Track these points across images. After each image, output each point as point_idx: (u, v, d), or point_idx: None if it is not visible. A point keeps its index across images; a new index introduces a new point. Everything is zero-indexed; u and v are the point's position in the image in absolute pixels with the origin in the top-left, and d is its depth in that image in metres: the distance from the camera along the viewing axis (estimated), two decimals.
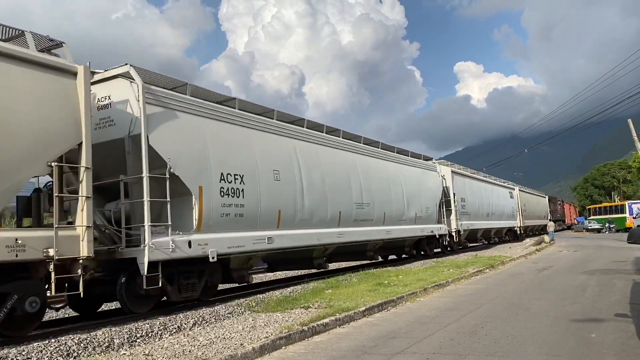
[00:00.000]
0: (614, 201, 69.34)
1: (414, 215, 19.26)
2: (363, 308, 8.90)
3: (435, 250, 22.63)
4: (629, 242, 29.09)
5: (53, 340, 6.59)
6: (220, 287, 14.59)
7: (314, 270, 16.86)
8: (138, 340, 6.96)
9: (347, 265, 18.99)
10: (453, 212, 23.36)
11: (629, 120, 41.70)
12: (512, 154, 71.97)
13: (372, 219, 16.20)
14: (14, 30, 7.69)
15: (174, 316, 8.35)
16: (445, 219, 22.47)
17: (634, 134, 41.56)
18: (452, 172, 24.61)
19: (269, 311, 8.94)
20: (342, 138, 15.92)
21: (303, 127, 13.94)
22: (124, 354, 6.31)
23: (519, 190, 40.03)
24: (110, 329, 7.24)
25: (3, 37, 7.74)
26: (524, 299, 10.23)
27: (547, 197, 55.83)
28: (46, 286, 7.20)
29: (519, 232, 38.31)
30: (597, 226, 55.64)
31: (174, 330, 7.52)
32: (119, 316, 9.21)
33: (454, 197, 23.66)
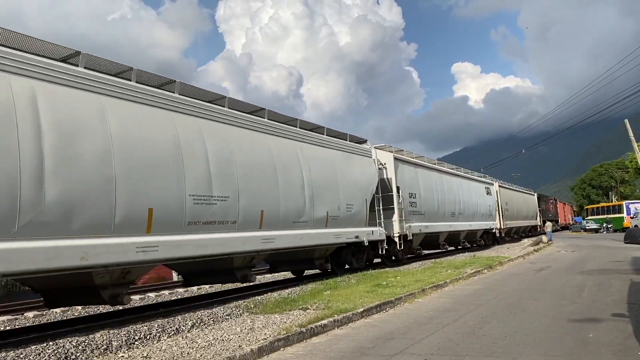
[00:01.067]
0: (612, 201, 69.49)
1: (324, 214, 13.80)
2: (361, 309, 8.91)
3: (376, 261, 18.55)
4: (625, 242, 29.15)
5: (51, 343, 6.58)
6: (220, 288, 14.64)
7: (311, 272, 16.93)
8: (136, 342, 6.95)
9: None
10: (396, 211, 17.91)
11: (626, 121, 41.82)
12: (510, 155, 72.11)
13: (232, 220, 10.49)
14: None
15: (172, 318, 8.35)
16: (383, 220, 17.31)
17: (631, 134, 41.68)
18: (396, 159, 18.82)
19: (267, 313, 8.94)
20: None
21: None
22: (122, 356, 6.31)
23: (499, 186, 34.30)
24: (109, 332, 7.23)
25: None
26: (522, 299, 10.25)
27: (535, 194, 49.89)
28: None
29: (498, 234, 32.40)
30: (595, 226, 55.73)
31: (172, 333, 7.51)
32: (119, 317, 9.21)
33: (399, 192, 18.19)
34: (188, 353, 6.28)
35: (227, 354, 6.06)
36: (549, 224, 41.18)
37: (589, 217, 62.45)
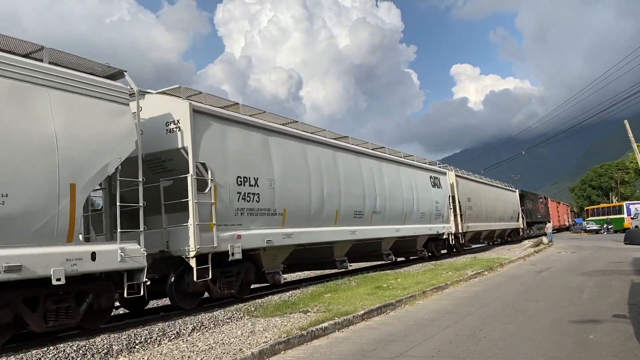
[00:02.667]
0: (612, 202, 69.48)
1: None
2: (362, 312, 8.90)
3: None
4: (625, 243, 29.14)
5: (52, 347, 6.59)
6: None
7: (312, 274, 16.93)
8: (137, 346, 6.95)
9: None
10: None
11: (626, 121, 41.87)
12: (510, 156, 72.15)
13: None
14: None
15: (172, 322, 8.35)
16: None
17: (631, 135, 41.72)
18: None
19: (268, 316, 8.94)
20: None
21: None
22: None
23: (457, 176, 25.98)
24: (109, 336, 7.23)
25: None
26: (523, 300, 10.24)
27: (517, 191, 41.21)
28: None
29: (452, 241, 24.14)
30: (595, 227, 55.70)
31: (173, 336, 7.51)
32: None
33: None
34: (189, 357, 6.28)
35: (228, 358, 6.06)
36: (549, 224, 41.11)
37: (590, 218, 62.45)
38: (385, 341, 7.19)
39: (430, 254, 22.29)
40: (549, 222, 46.04)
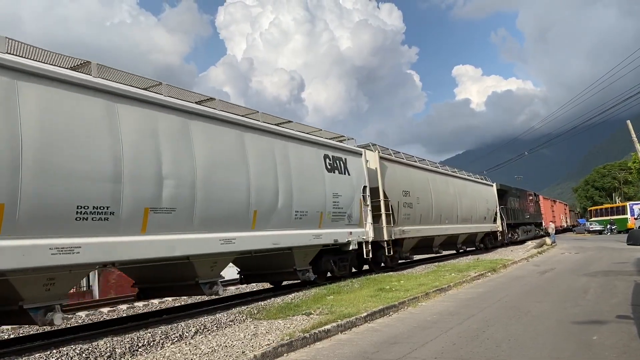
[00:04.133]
0: (615, 202, 69.30)
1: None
2: (365, 314, 8.89)
3: None
4: (628, 244, 29.03)
5: (55, 350, 6.60)
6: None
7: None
8: (140, 349, 6.96)
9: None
10: None
11: (628, 122, 41.83)
12: (512, 157, 72.06)
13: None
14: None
15: (175, 325, 8.35)
16: None
17: (633, 135, 41.64)
18: None
19: (271, 318, 8.94)
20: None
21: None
22: None
23: (381, 157, 17.86)
24: (112, 339, 7.24)
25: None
26: (526, 301, 10.22)
27: (495, 185, 32.52)
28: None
29: (368, 253, 15.93)
30: (598, 228, 55.54)
31: (176, 339, 7.52)
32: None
33: None
34: (192, 359, 6.28)
35: None
36: (552, 225, 40.66)
37: (593, 219, 62.27)
38: (388, 343, 7.18)
39: (327, 274, 15.11)
40: (549, 222, 44.58)
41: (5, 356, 6.77)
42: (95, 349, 6.71)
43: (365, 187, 16.02)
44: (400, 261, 19.12)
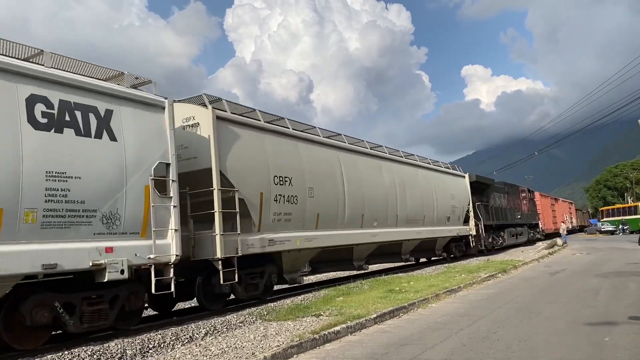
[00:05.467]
0: (627, 202, 68.66)
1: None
2: (374, 315, 8.88)
3: None
4: None
5: (66, 352, 6.64)
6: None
7: (323, 278, 16.90)
8: (150, 351, 6.99)
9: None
10: None
11: (639, 121, 41.42)
12: (523, 158, 71.64)
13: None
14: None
15: (185, 326, 8.39)
16: None
17: None
18: None
19: (280, 320, 8.95)
20: None
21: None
22: None
23: (220, 117, 10.64)
24: (123, 340, 7.28)
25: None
26: (537, 303, 10.16)
27: (467, 176, 25.33)
28: None
29: (158, 286, 8.55)
30: (610, 228, 55.06)
31: (186, 341, 7.55)
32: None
33: None
34: None
35: None
36: (563, 226, 40.12)
37: (604, 219, 61.74)
38: (398, 344, 7.16)
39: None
40: (560, 223, 43.18)
41: (18, 357, 6.84)
42: (107, 350, 6.75)
43: (167, 164, 8.99)
44: (280, 286, 13.56)
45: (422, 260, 22.97)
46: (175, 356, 6.67)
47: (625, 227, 52.29)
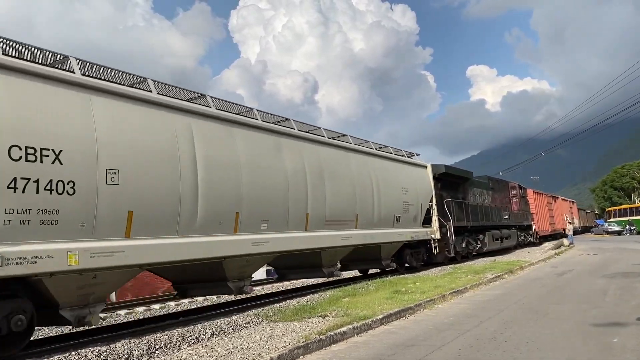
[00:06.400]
0: (634, 203, 68.30)
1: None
2: (380, 316, 8.86)
3: None
4: None
5: (73, 352, 6.66)
6: (236, 297, 14.68)
7: (331, 279, 16.91)
8: (157, 351, 7.00)
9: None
10: None
11: None
12: (528, 158, 71.39)
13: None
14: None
15: (192, 327, 8.39)
16: None
17: None
18: None
19: (286, 320, 8.94)
20: None
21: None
22: None
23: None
24: (129, 341, 7.30)
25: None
26: (544, 303, 10.10)
27: (429, 166, 20.33)
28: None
29: None
30: (617, 228, 54.78)
31: (192, 341, 7.55)
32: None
33: None
34: None
35: None
36: (570, 226, 39.66)
37: (611, 220, 61.43)
38: (404, 346, 7.14)
39: None
40: (567, 223, 40.51)
41: (25, 358, 6.86)
42: (113, 350, 6.76)
43: None
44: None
45: (374, 271, 19.09)
46: (181, 357, 6.68)
47: (632, 228, 51.99)
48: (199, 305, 13.92)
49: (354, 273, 18.87)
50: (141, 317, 11.90)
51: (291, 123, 12.78)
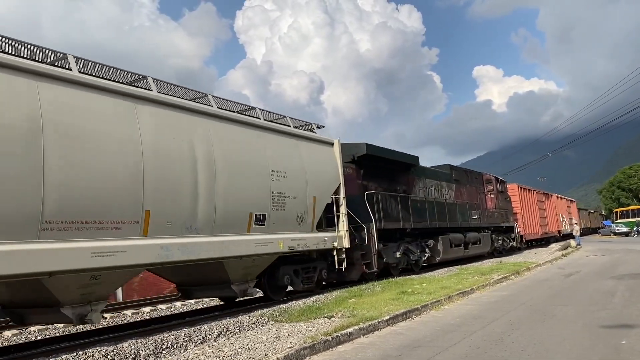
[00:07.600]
0: None
1: None
2: (387, 317, 8.84)
3: None
4: None
5: (81, 352, 6.69)
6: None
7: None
8: (164, 351, 7.02)
9: None
10: None
11: None
12: (535, 159, 71.09)
13: None
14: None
15: (198, 327, 8.41)
16: None
17: None
18: None
19: (293, 321, 8.94)
20: None
21: None
22: None
23: None
24: (136, 341, 7.32)
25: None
26: (551, 305, 10.05)
27: (336, 142, 13.76)
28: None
29: None
30: (624, 229, 54.48)
31: (199, 342, 7.57)
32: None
33: None
34: None
35: None
36: (576, 227, 39.27)
37: (619, 221, 61.05)
38: (411, 347, 7.12)
39: None
40: (574, 224, 39.57)
41: (33, 357, 6.90)
42: (120, 350, 6.79)
43: None
44: None
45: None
46: (188, 357, 6.69)
47: None
48: (205, 305, 13.94)
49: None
50: (148, 317, 11.94)
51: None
